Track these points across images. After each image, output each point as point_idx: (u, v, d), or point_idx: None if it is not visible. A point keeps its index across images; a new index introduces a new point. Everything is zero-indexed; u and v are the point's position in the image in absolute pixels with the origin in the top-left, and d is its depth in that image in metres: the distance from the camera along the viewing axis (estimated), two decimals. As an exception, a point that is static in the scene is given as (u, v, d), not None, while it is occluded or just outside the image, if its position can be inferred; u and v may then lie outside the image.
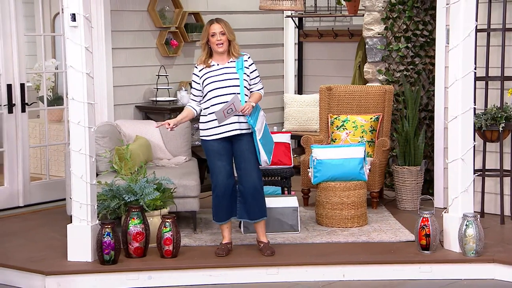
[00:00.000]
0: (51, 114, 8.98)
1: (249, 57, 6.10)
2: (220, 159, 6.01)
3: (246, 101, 5.93)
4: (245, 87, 5.97)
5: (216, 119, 5.91)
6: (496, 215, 6.99)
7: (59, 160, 8.61)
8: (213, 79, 5.97)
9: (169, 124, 6.00)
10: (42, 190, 7.81)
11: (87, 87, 5.81)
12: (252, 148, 6.03)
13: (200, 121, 6.08)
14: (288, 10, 7.92)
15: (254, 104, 5.95)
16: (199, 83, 6.05)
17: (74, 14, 5.72)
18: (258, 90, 6.10)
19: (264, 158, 6.01)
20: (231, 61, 6.03)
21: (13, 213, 7.45)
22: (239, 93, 5.92)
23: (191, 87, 6.11)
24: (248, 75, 6.02)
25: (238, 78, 5.97)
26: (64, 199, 7.13)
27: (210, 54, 6.06)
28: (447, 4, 7.02)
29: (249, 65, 6.06)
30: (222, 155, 6.01)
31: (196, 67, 6.10)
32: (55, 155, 8.69)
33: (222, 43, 5.97)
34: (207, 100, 5.98)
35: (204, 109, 6.05)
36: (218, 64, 6.03)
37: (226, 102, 5.86)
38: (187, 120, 6.18)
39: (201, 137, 6.09)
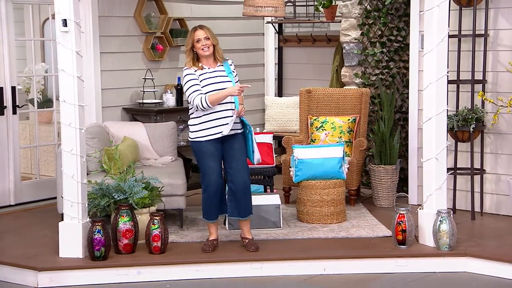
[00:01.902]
0: (41, 116, 8.95)
1: (232, 62, 6.21)
2: (213, 160, 6.03)
3: (239, 103, 6.06)
4: None
5: (214, 120, 6.01)
6: (467, 211, 7.10)
7: (49, 160, 8.59)
8: (210, 81, 6.02)
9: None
10: (32, 189, 7.82)
11: (77, 90, 5.84)
12: (242, 147, 6.10)
13: (192, 123, 6.09)
14: (270, 16, 8.00)
15: (245, 106, 6.09)
16: (197, 79, 6.01)
17: (65, 20, 5.77)
18: None
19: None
20: (219, 65, 6.11)
21: (4, 212, 7.46)
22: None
23: (190, 86, 5.99)
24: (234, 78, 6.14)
25: (231, 81, 6.07)
26: (54, 198, 7.11)
27: (196, 59, 6.09)
28: (420, 11, 7.04)
29: (234, 69, 6.17)
30: (215, 156, 6.05)
31: (188, 69, 6.05)
32: (45, 156, 8.66)
33: (208, 47, 6.03)
34: None
35: (197, 110, 6.03)
36: (209, 68, 6.09)
37: (223, 103, 5.96)
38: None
39: (193, 139, 6.08)
